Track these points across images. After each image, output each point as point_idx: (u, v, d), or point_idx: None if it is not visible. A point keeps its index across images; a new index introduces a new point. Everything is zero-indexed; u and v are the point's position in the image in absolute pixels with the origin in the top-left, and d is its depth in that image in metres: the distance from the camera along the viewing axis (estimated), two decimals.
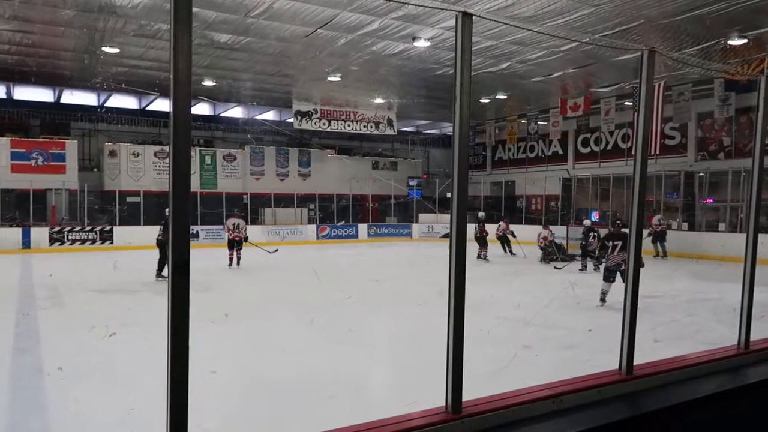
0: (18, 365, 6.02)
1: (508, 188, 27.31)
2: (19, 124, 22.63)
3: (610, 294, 9.19)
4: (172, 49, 1.59)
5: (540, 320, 8.03)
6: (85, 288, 11.20)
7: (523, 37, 13.91)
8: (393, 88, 20.70)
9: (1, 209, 20.05)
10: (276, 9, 12.14)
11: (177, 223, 1.61)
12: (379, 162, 29.86)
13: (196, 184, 23.61)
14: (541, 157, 26.98)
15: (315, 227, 24.66)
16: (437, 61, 16.39)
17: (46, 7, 12.26)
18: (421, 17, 12.78)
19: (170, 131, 1.61)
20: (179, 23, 1.59)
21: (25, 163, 21.02)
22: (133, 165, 23.43)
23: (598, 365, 2.77)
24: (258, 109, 25.29)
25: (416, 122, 29.81)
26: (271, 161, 26.65)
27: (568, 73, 17.59)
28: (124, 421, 4.42)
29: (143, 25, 13.41)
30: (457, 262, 2.11)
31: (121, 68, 17.69)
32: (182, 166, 1.61)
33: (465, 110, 2.16)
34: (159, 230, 12.89)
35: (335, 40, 14.37)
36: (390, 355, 6.79)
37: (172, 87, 1.59)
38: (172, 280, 1.60)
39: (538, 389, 2.31)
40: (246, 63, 16.78)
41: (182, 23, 1.60)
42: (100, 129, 24.68)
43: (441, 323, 2.23)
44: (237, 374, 5.70)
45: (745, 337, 3.10)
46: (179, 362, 1.59)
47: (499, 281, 12.44)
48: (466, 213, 2.17)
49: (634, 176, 2.62)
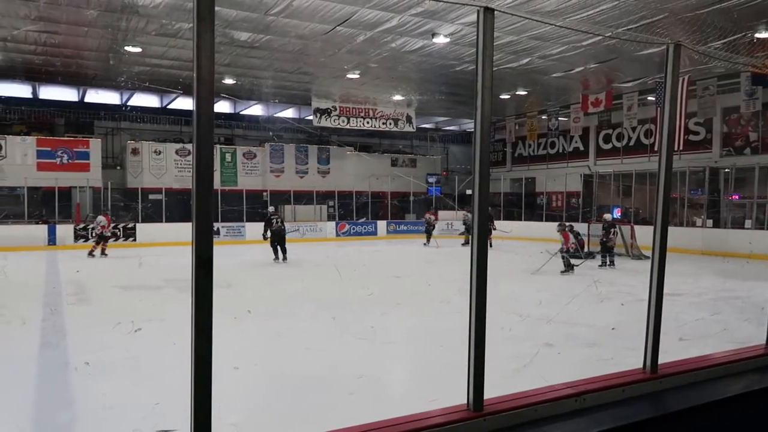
0: (45, 360, 6.14)
1: (528, 185, 27.10)
2: (45, 123, 23.07)
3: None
4: (195, 47, 1.60)
5: (562, 318, 7.95)
6: (109, 284, 11.38)
7: (544, 32, 13.77)
8: (412, 85, 20.64)
9: (27, 207, 20.44)
10: (295, 7, 12.18)
11: (200, 221, 1.62)
12: (398, 159, 29.83)
13: (217, 181, 23.79)
14: (561, 154, 26.71)
15: (334, 224, 24.73)
16: (457, 57, 16.31)
17: (71, 8, 12.45)
18: (440, 13, 12.72)
19: (193, 129, 1.62)
20: (202, 22, 1.60)
21: (51, 161, 21.41)
22: (155, 163, 23.72)
23: (621, 364, 2.74)
24: (278, 106, 25.42)
25: (435, 119, 29.72)
26: (291, 159, 26.79)
27: (590, 68, 17.38)
28: (149, 415, 4.48)
29: (165, 25, 13.55)
30: (478, 259, 2.09)
31: (144, 67, 17.92)
32: (205, 163, 1.62)
33: (487, 106, 2.14)
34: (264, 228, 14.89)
35: (354, 37, 14.37)
36: (411, 352, 6.78)
37: (195, 85, 1.60)
38: (195, 276, 1.61)
39: (560, 387, 2.29)
40: (266, 61, 16.87)
41: (205, 22, 1.60)
42: (123, 127, 25.04)
43: (462, 321, 2.22)
44: (259, 370, 5.74)
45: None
46: (203, 358, 1.61)
47: (521, 278, 12.35)
48: (488, 210, 2.15)
49: (659, 172, 2.57)
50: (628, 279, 12.14)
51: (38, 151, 21.37)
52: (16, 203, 20.03)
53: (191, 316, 1.59)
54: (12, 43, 15.22)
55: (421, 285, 11.41)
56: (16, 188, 20.60)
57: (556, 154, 26.99)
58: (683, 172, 19.27)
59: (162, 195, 22.52)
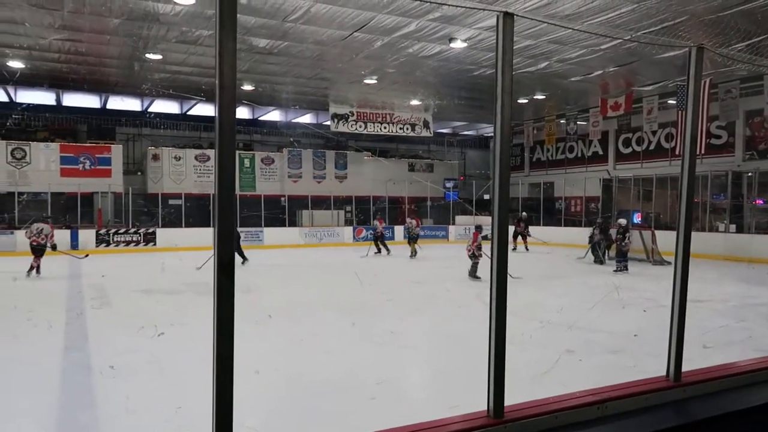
0: (69, 363, 6.22)
1: (547, 190, 26.90)
2: (68, 129, 23.46)
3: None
4: (217, 54, 1.62)
5: (583, 324, 7.87)
6: (131, 288, 11.52)
7: (561, 36, 13.69)
8: (429, 90, 20.64)
9: (51, 212, 20.79)
10: (313, 13, 12.26)
11: (222, 225, 1.64)
12: (415, 164, 29.83)
13: (236, 186, 23.91)
14: (580, 158, 26.49)
15: (351, 229, 24.77)
16: (474, 62, 16.28)
17: (94, 16, 12.67)
18: (458, 18, 12.71)
19: (216, 135, 1.64)
20: (224, 29, 1.62)
21: (74, 167, 21.78)
22: (175, 168, 24.00)
23: (644, 371, 2.70)
24: (295, 112, 25.58)
25: (453, 124, 29.67)
26: (309, 164, 26.92)
27: (609, 72, 17.22)
28: (172, 418, 4.52)
29: (185, 32, 13.72)
30: (498, 265, 2.08)
31: (164, 74, 18.15)
32: (227, 169, 1.64)
33: (507, 111, 2.14)
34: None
35: (372, 42, 14.42)
36: (431, 357, 6.76)
37: (217, 91, 1.62)
38: (217, 281, 1.62)
39: (582, 395, 2.26)
40: (284, 67, 16.99)
41: (227, 29, 1.62)
42: (143, 134, 25.38)
43: (482, 326, 2.21)
44: (280, 374, 5.76)
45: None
46: (225, 362, 1.62)
47: (541, 284, 12.24)
48: (508, 215, 2.14)
49: (682, 176, 2.54)
50: (649, 285, 11.98)
51: (61, 157, 21.76)
52: (40, 208, 20.37)
53: (213, 320, 1.61)
54: (37, 52, 15.52)
55: (439, 290, 11.38)
56: (40, 194, 20.98)
57: (574, 159, 26.78)
58: (705, 177, 18.99)
59: (182, 200, 22.77)
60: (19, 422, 4.61)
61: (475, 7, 3.13)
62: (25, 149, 21.22)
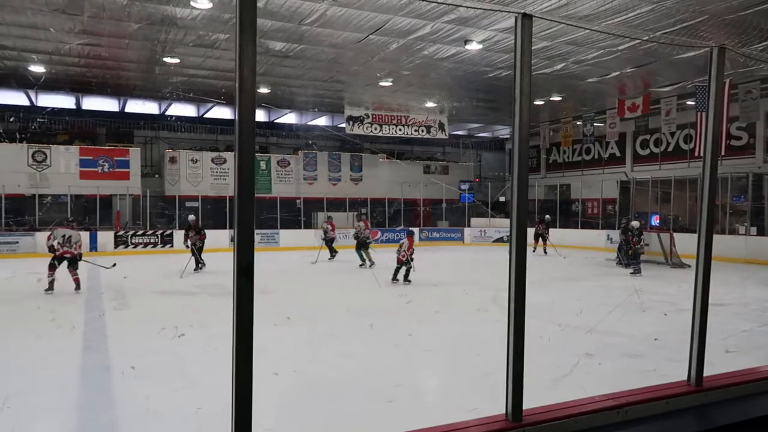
0: (89, 363, 6.30)
1: (563, 192, 26.70)
2: (87, 132, 23.80)
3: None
4: (237, 58, 1.63)
5: (603, 327, 7.79)
6: (148, 290, 11.64)
7: (578, 37, 13.60)
8: (444, 92, 20.61)
9: (71, 214, 21.08)
10: (329, 16, 12.31)
11: (242, 228, 1.65)
12: (430, 166, 29.79)
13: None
14: (597, 160, 26.28)
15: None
16: (489, 64, 16.22)
17: (113, 21, 12.84)
18: (473, 20, 12.68)
19: (235, 138, 1.65)
20: (244, 33, 1.63)
21: (93, 169, 22.06)
22: (191, 171, 24.22)
23: (665, 375, 2.67)
24: (311, 114, 25.69)
25: (468, 126, 29.59)
26: (324, 166, 27.01)
27: (626, 73, 17.06)
28: (192, 419, 4.55)
29: (202, 36, 13.85)
30: (517, 268, 2.07)
31: (181, 77, 18.33)
32: (247, 171, 1.65)
33: (525, 113, 2.13)
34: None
35: (387, 45, 14.43)
36: (449, 360, 6.71)
37: (238, 95, 1.63)
38: (237, 283, 1.63)
39: (601, 399, 2.24)
40: (299, 70, 17.07)
41: (247, 33, 1.64)
42: (161, 136, 25.65)
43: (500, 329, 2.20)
44: (298, 376, 5.78)
45: None
46: (244, 363, 1.63)
47: (560, 287, 12.15)
48: (527, 217, 2.13)
49: (704, 178, 2.51)
50: (668, 288, 11.84)
51: (81, 160, 22.05)
52: (60, 210, 20.67)
53: (233, 322, 1.62)
54: (57, 56, 15.76)
55: (457, 292, 11.34)
56: (60, 196, 21.29)
57: (591, 161, 26.58)
58: (725, 178, 18.73)
59: (198, 202, 22.96)
60: (41, 422, 4.68)
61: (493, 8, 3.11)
62: (46, 152, 21.55)
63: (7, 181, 19.97)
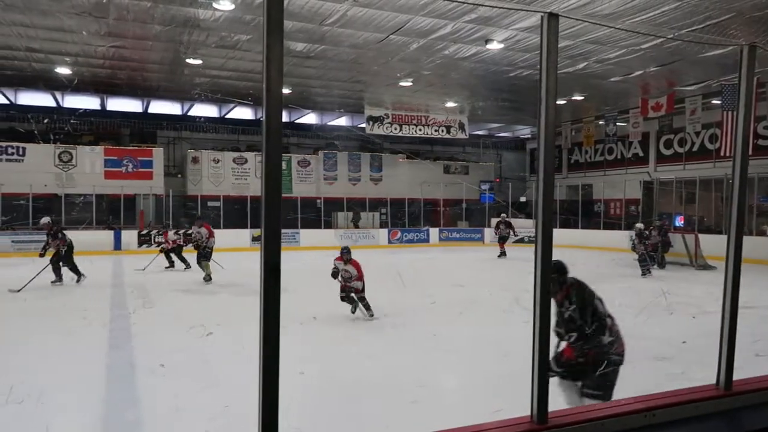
0: (119, 360, 6.40)
1: (585, 192, 26.42)
2: (112, 133, 24.18)
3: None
4: (264, 59, 1.64)
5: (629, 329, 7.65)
6: (170, 288, 11.79)
7: (601, 36, 13.45)
8: (465, 92, 20.54)
9: (96, 213, 21.45)
10: (350, 16, 12.34)
11: (269, 227, 1.66)
12: (450, 166, 29.71)
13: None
14: (619, 160, 25.95)
15: (386, 231, 24.81)
16: (510, 63, 16.12)
17: (137, 23, 13.03)
18: (494, 19, 12.61)
19: (263, 138, 1.66)
20: (271, 34, 1.64)
21: (117, 169, 22.42)
22: (213, 171, 24.48)
23: (693, 379, 2.63)
24: (331, 114, 25.78)
25: (488, 125, 29.44)
26: (344, 166, 27.10)
27: (650, 72, 16.83)
28: (219, 416, 4.60)
29: (224, 37, 13.98)
30: (542, 269, 2.05)
31: (204, 78, 18.53)
32: (274, 171, 1.66)
33: (551, 113, 2.11)
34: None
35: (407, 45, 14.43)
36: (474, 361, 6.66)
37: (265, 95, 1.64)
38: (264, 283, 1.64)
39: (629, 402, 2.21)
40: (320, 70, 17.15)
41: (274, 34, 1.64)
42: (183, 137, 25.96)
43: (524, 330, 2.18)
44: (323, 375, 5.81)
45: None
46: (271, 362, 1.64)
47: None
48: (552, 217, 2.11)
49: (734, 179, 2.46)
50: (694, 290, 11.65)
51: (105, 160, 22.43)
52: (85, 210, 21.04)
53: (260, 321, 1.63)
54: (83, 58, 16.04)
55: (482, 293, 11.28)
56: (85, 195, 21.66)
57: (614, 161, 26.26)
58: (751, 178, 18.37)
59: (220, 202, 23.19)
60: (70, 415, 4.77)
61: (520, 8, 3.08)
62: (72, 152, 21.94)
63: (35, 180, 20.39)
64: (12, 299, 10.47)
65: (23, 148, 21.24)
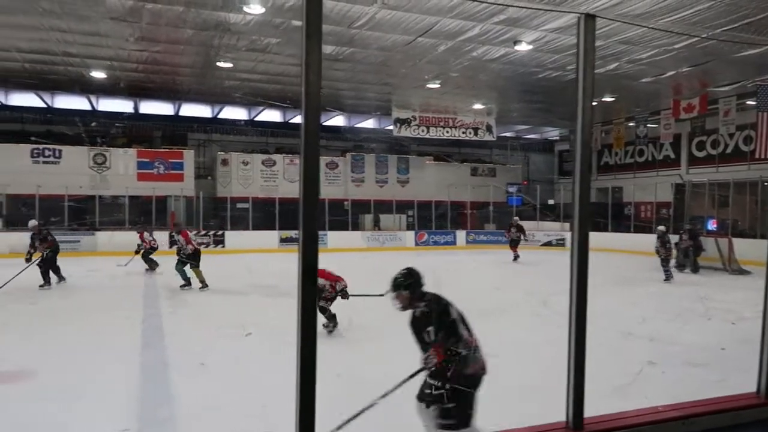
0: (147, 359, 6.52)
1: (615, 195, 26.01)
2: (144, 135, 24.64)
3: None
4: (303, 63, 1.67)
5: (665, 335, 7.55)
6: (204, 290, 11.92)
7: (632, 36, 13.23)
8: (493, 93, 20.42)
9: (129, 214, 21.90)
10: (378, 19, 12.38)
11: (306, 229, 1.68)
12: (477, 168, 29.55)
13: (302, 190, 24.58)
14: (650, 162, 25.49)
15: (413, 234, 24.79)
16: (539, 65, 15.97)
17: (169, 27, 13.26)
18: (523, 20, 12.52)
19: (301, 141, 1.69)
20: (310, 38, 1.67)
21: (149, 171, 22.86)
22: (242, 173, 24.78)
23: (731, 387, 2.56)
24: (358, 117, 25.87)
25: (516, 127, 29.20)
26: (371, 168, 27.17)
27: (682, 72, 16.49)
28: (256, 416, 4.64)
29: (254, 41, 14.14)
30: (578, 276, 2.04)
31: (234, 81, 18.77)
32: (312, 174, 1.69)
33: (588, 114, 2.10)
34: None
35: (435, 47, 14.41)
36: (509, 365, 6.51)
37: (304, 99, 1.67)
38: (301, 285, 1.67)
39: (666, 409, 2.18)
40: (348, 73, 17.22)
41: (312, 39, 1.68)
42: (213, 139, 26.33)
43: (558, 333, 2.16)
44: (362, 378, 5.79)
45: None
46: (308, 363, 1.66)
47: (618, 292, 11.80)
48: (590, 221, 2.09)
49: None
50: (728, 295, 11.38)
51: (138, 162, 22.89)
52: (119, 211, 21.49)
53: (297, 322, 1.65)
54: (117, 62, 16.40)
55: (517, 297, 11.22)
56: (118, 197, 22.14)
57: (644, 163, 25.80)
58: None
59: (249, 204, 23.47)
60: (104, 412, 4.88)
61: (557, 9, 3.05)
62: (106, 155, 22.44)
63: (71, 182, 20.92)
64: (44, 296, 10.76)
65: (60, 151, 21.80)
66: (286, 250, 21.14)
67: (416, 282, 3.87)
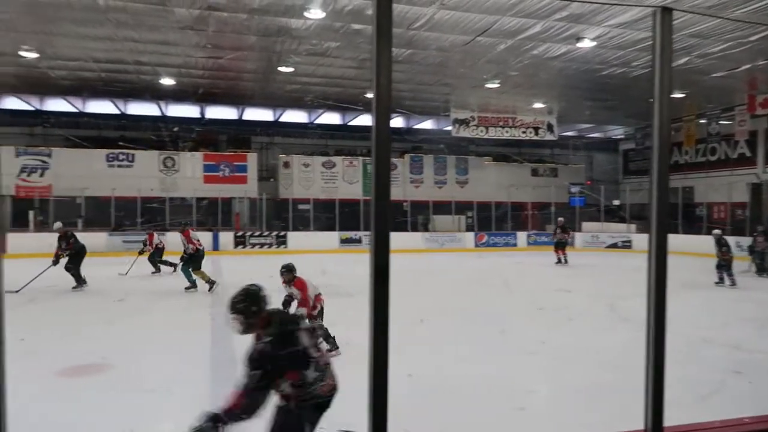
0: (218, 357, 6.72)
1: (686, 195, 24.92)
2: (210, 139, 25.53)
3: None
4: (374, 65, 1.67)
5: (751, 343, 7.14)
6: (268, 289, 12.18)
7: (703, 29, 12.65)
8: (554, 92, 19.98)
9: (195, 216, 22.71)
10: (437, 20, 12.35)
11: (378, 231, 1.69)
12: (538, 168, 28.96)
13: (361, 192, 24.87)
14: (723, 161, 24.25)
15: (473, 235, 24.55)
16: (602, 61, 15.51)
17: (234, 35, 13.70)
18: (586, 16, 12.19)
19: (372, 143, 1.69)
20: (381, 38, 1.66)
21: (215, 174, 23.70)
22: (303, 175, 25.27)
23: None
24: (417, 118, 25.88)
25: (578, 126, 28.44)
26: (430, 169, 27.11)
27: (758, 66, 15.62)
28: (330, 415, 4.71)
29: (314, 45, 14.40)
30: (657, 279, 1.96)
31: (294, 85, 19.17)
32: (383, 176, 1.68)
33: (665, 112, 2.02)
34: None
35: (494, 46, 14.24)
36: (584, 369, 6.41)
37: (375, 101, 1.67)
38: (373, 285, 1.67)
39: (753, 421, 2.06)
40: (407, 74, 17.25)
41: (383, 39, 1.67)
42: (275, 142, 26.96)
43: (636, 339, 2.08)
44: (431, 379, 5.81)
45: None
46: (380, 364, 1.66)
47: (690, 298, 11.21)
48: (668, 223, 2.00)
49: None
50: None
51: (204, 165, 23.74)
52: (187, 213, 22.33)
53: (370, 322, 1.66)
54: (185, 69, 17.07)
55: (589, 299, 10.95)
56: (186, 199, 23.02)
57: (717, 161, 24.58)
58: None
59: (310, 205, 23.89)
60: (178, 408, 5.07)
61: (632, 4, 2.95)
62: (174, 158, 23.41)
63: (143, 185, 21.93)
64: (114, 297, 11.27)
65: (132, 155, 22.90)
66: (347, 251, 21.38)
67: (252, 304, 3.37)
